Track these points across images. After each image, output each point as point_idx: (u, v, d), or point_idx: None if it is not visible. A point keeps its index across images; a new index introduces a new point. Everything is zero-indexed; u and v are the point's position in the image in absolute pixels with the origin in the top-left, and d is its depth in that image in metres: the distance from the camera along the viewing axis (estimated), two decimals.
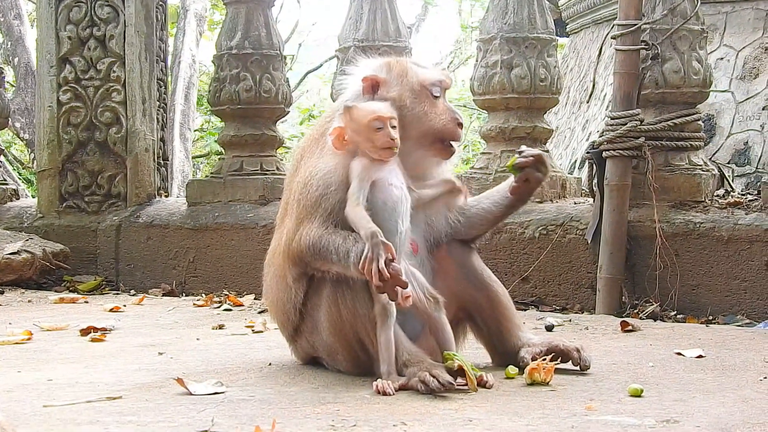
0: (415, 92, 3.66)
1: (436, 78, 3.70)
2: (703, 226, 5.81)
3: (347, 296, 3.50)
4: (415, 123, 3.63)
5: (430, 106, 3.66)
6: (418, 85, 3.67)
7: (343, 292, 3.50)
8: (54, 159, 7.79)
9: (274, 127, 7.52)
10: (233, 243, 7.12)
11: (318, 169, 3.58)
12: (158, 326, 5.35)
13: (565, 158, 11.92)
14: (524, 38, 6.56)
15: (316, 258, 3.52)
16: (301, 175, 3.64)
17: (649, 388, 3.43)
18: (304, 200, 3.56)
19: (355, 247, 3.38)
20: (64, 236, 7.66)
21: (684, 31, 6.10)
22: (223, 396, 3.36)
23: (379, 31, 7.07)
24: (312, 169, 3.60)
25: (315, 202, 3.53)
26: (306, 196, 3.56)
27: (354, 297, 3.48)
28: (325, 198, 3.53)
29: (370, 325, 3.47)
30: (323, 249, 3.47)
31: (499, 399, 3.30)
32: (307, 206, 3.55)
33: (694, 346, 4.35)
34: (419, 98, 3.66)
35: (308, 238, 3.51)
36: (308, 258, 3.54)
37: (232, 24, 7.41)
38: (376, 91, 3.67)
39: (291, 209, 3.66)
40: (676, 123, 6.03)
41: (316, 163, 3.61)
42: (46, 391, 3.49)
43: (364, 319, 3.49)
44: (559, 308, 6.04)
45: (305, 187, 3.57)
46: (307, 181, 3.58)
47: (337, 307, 3.54)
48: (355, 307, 3.50)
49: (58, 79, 7.78)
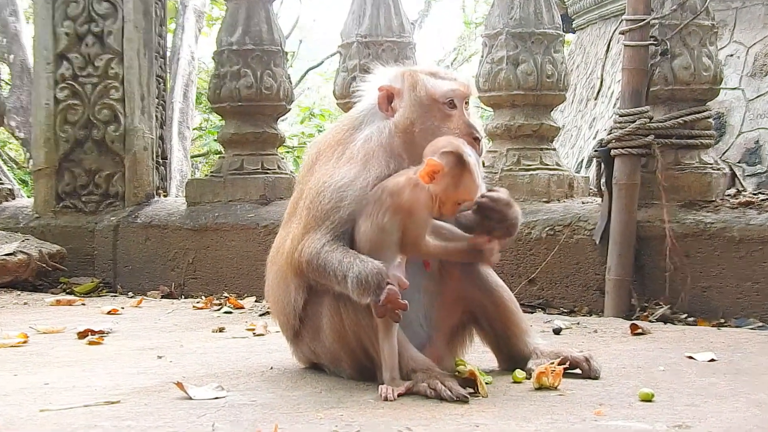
0: (425, 106, 3.60)
1: (448, 89, 3.62)
2: (714, 227, 5.79)
3: (349, 305, 3.49)
4: (426, 137, 3.55)
5: (442, 120, 3.59)
6: (428, 99, 3.61)
7: (345, 300, 3.48)
8: (50, 158, 7.79)
9: (276, 125, 7.52)
10: (233, 244, 7.11)
11: (334, 179, 3.55)
12: (157, 329, 5.34)
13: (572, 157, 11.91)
14: (530, 33, 6.54)
15: (314, 274, 3.52)
16: (314, 181, 3.62)
17: (660, 393, 3.42)
18: (314, 210, 3.55)
19: (351, 272, 3.37)
20: (61, 237, 7.67)
21: (694, 27, 6.08)
22: (223, 400, 3.36)
23: (382, 27, 7.06)
24: (327, 177, 3.57)
25: (324, 214, 3.52)
26: (317, 205, 3.54)
27: (356, 306, 3.46)
28: (335, 211, 3.51)
29: (373, 333, 3.46)
30: (320, 267, 3.47)
31: (507, 404, 3.29)
32: (316, 216, 3.53)
33: (706, 350, 4.34)
34: (429, 112, 3.60)
35: (309, 251, 3.50)
36: (307, 272, 3.54)
37: (233, 19, 7.41)
38: (391, 101, 3.65)
39: (300, 213, 3.64)
40: (686, 120, 6.01)
41: (332, 171, 3.58)
42: (42, 396, 3.48)
43: (367, 327, 3.48)
44: (567, 311, 6.03)
45: (317, 196, 3.55)
46: (321, 190, 3.55)
47: (339, 316, 3.54)
48: (357, 316, 3.49)
49: (55, 76, 7.79)
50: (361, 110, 3.77)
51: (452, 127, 3.59)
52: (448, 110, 3.61)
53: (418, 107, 3.60)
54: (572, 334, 5.01)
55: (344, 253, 3.44)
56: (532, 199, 6.38)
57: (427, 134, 3.56)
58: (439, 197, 3.45)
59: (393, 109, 3.65)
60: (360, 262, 3.38)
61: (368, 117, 3.72)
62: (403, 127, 3.60)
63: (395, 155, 3.60)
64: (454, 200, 3.47)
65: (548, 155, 6.57)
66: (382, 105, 3.66)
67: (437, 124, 3.58)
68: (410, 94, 3.62)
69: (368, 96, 3.77)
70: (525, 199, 6.36)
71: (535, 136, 6.58)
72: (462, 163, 3.43)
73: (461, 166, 3.43)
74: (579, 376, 3.71)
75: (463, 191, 3.46)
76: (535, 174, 6.43)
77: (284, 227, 3.81)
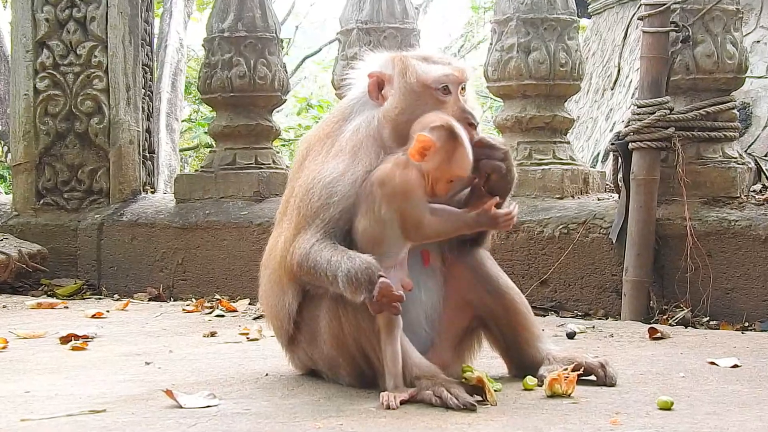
0: (416, 93, 3.61)
1: (441, 74, 3.62)
2: (738, 224, 5.80)
3: (348, 308, 3.51)
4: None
5: (434, 107, 3.59)
6: (419, 85, 3.62)
7: (345, 303, 3.51)
8: (30, 152, 7.80)
9: (270, 117, 7.53)
10: (225, 243, 7.13)
11: (322, 175, 3.58)
12: (144, 333, 5.36)
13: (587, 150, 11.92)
14: (543, 19, 6.55)
15: (307, 276, 3.55)
16: (303, 178, 3.65)
17: (679, 401, 3.43)
18: (304, 209, 3.58)
19: (340, 271, 3.41)
20: (42, 236, 7.68)
21: (717, 12, 6.09)
22: (215, 409, 3.37)
23: (384, 12, 7.08)
24: (316, 174, 3.60)
25: (314, 212, 3.55)
26: (306, 203, 3.57)
27: (356, 309, 3.49)
28: (325, 208, 3.55)
29: (375, 338, 3.49)
30: (311, 268, 3.51)
31: (517, 412, 3.30)
32: (306, 216, 3.57)
33: (729, 355, 4.36)
34: (421, 99, 3.61)
35: (299, 252, 3.54)
36: (299, 275, 3.57)
37: (224, 4, 7.41)
38: (381, 88, 3.66)
39: (291, 213, 3.67)
40: (709, 112, 6.02)
41: (320, 167, 3.61)
42: (23, 404, 3.50)
43: (368, 332, 3.50)
44: (581, 314, 6.04)
45: (306, 194, 3.58)
46: (309, 188, 3.58)
47: (338, 320, 3.56)
48: (357, 319, 3.51)
49: (35, 64, 7.79)
50: (351, 99, 3.79)
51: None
52: (441, 96, 3.61)
53: (408, 94, 3.61)
54: (587, 338, 5.03)
55: (332, 252, 3.47)
56: (544, 195, 6.39)
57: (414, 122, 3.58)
58: (431, 175, 3.50)
59: (384, 97, 3.66)
60: (348, 260, 3.41)
61: (358, 107, 3.74)
62: (393, 115, 3.62)
63: (385, 146, 3.61)
64: (448, 177, 3.51)
65: (562, 149, 6.59)
66: (372, 92, 3.68)
67: (427, 111, 3.57)
68: (400, 80, 3.63)
69: (358, 84, 3.79)
70: (537, 195, 6.38)
71: (548, 128, 6.59)
72: (454, 137, 3.47)
73: (453, 140, 3.47)
74: (594, 383, 3.73)
75: (456, 166, 3.50)
76: (548, 169, 6.44)
77: (277, 227, 3.84)
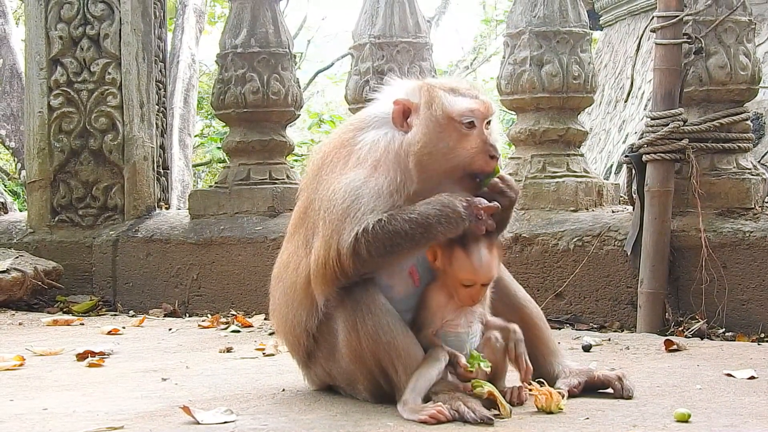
0: (441, 125, 3.61)
1: (466, 108, 3.61)
2: (753, 236, 5.80)
3: (368, 322, 3.52)
4: (439, 159, 3.59)
5: (458, 139, 3.60)
6: (444, 118, 3.61)
7: (363, 317, 3.52)
8: (45, 169, 7.84)
9: (284, 132, 7.55)
10: (240, 258, 7.16)
11: (343, 183, 3.57)
12: (161, 350, 5.38)
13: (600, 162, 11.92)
14: (555, 32, 6.57)
15: (381, 254, 3.49)
16: (323, 190, 3.64)
17: (696, 413, 3.44)
18: (330, 216, 3.56)
19: (429, 219, 3.47)
20: (57, 253, 7.71)
21: (730, 23, 6.10)
22: (233, 425, 3.39)
23: (396, 26, 7.10)
24: (335, 185, 3.59)
25: (343, 213, 3.53)
26: (331, 211, 3.56)
27: (375, 323, 3.51)
28: (354, 205, 3.52)
29: (394, 353, 3.50)
30: (387, 240, 3.48)
31: (534, 426, 3.31)
32: (334, 221, 3.54)
33: (746, 367, 4.36)
34: (445, 131, 3.60)
35: (351, 242, 3.48)
36: (358, 263, 3.50)
37: (237, 20, 7.45)
38: (407, 117, 3.66)
39: (312, 227, 3.66)
40: (723, 123, 6.03)
41: (339, 177, 3.61)
42: (40, 422, 3.52)
43: (388, 346, 3.51)
44: (597, 326, 6.05)
45: (329, 204, 3.57)
46: (332, 197, 3.58)
47: (356, 333, 3.56)
48: (377, 333, 3.52)
49: (49, 82, 7.84)
50: (370, 114, 3.78)
51: (468, 147, 3.59)
52: (465, 130, 3.61)
53: (433, 126, 3.61)
54: (603, 351, 5.03)
55: (401, 213, 3.50)
56: (558, 207, 6.40)
57: (441, 156, 3.59)
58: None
59: (408, 125, 3.66)
60: (425, 207, 3.49)
61: (376, 122, 3.73)
62: (417, 147, 3.60)
63: (405, 169, 3.60)
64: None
65: (575, 161, 6.60)
66: (397, 120, 3.67)
67: (452, 145, 3.59)
68: (426, 111, 3.63)
69: (380, 102, 3.78)
70: (551, 208, 6.39)
71: (561, 141, 6.60)
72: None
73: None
74: (611, 396, 3.74)
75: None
76: (562, 181, 6.45)
77: (289, 240, 3.83)
